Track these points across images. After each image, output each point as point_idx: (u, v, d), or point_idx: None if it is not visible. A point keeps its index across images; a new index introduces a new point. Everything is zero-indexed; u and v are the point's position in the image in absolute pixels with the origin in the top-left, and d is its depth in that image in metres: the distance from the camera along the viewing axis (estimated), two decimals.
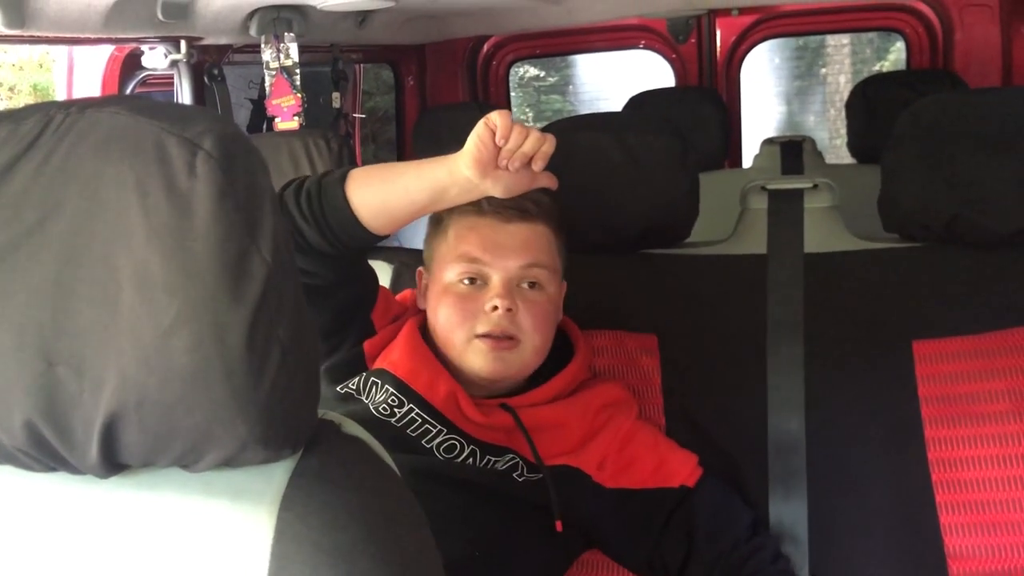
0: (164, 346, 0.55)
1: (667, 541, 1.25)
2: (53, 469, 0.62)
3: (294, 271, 0.61)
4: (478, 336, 1.19)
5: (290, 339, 0.59)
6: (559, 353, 1.30)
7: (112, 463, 0.60)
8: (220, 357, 0.56)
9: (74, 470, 0.61)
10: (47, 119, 0.59)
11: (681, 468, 1.28)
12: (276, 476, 0.61)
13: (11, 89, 7.18)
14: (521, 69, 3.48)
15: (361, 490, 0.62)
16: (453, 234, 1.22)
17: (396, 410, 1.20)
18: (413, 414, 1.20)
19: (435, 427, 1.20)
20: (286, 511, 0.60)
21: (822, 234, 1.46)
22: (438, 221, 1.25)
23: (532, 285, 1.22)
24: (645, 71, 3.39)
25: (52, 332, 0.57)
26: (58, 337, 0.57)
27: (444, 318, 1.21)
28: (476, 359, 1.19)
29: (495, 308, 1.18)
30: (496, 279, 1.20)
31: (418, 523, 0.65)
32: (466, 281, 1.21)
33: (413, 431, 1.20)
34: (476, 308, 1.19)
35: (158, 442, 0.58)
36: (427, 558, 0.65)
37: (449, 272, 1.22)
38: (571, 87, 6.14)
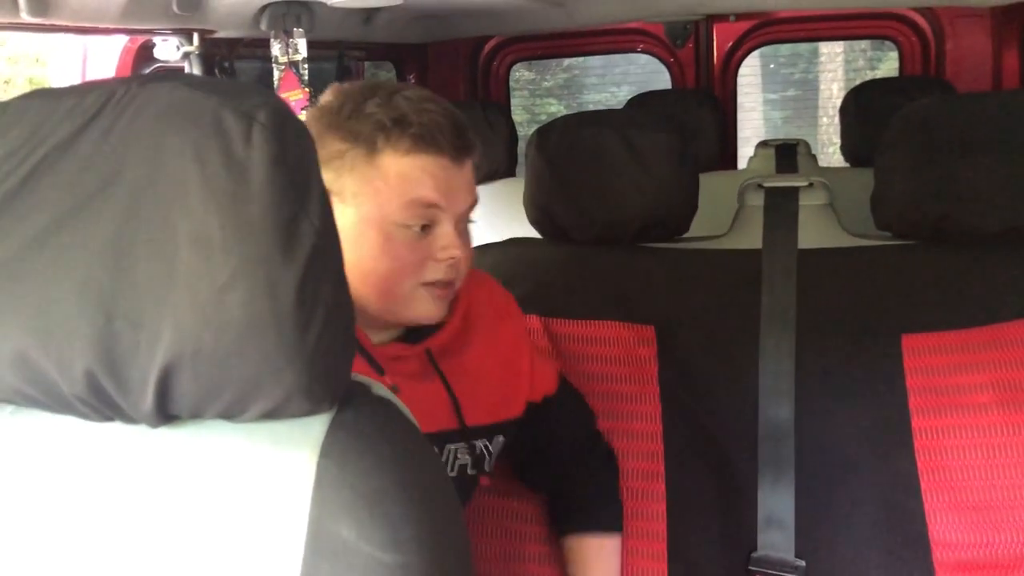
0: (220, 301, 0.60)
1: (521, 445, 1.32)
2: (108, 418, 0.67)
3: (337, 237, 0.66)
4: (426, 284, 1.11)
5: (333, 299, 0.64)
6: None
7: (164, 412, 0.65)
8: (272, 311, 0.61)
9: (128, 419, 0.66)
10: (109, 93, 0.64)
11: (549, 380, 1.34)
12: (315, 427, 0.66)
13: (7, 82, 7.20)
14: (516, 72, 3.53)
15: (392, 442, 0.67)
16: (398, 171, 1.07)
17: None
18: None
19: None
20: (325, 458, 0.65)
21: (816, 230, 1.51)
22: (371, 147, 1.08)
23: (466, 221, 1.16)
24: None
25: (112, 288, 0.61)
26: (118, 293, 0.61)
27: (390, 266, 1.09)
28: (421, 306, 1.12)
29: (451, 258, 1.11)
30: (447, 225, 1.11)
31: (441, 474, 0.71)
32: (417, 228, 1.09)
33: None
34: (425, 254, 1.10)
35: (210, 392, 0.63)
36: (449, 504, 0.70)
37: (396, 214, 1.08)
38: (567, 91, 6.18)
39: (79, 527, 0.68)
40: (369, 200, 1.08)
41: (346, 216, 1.09)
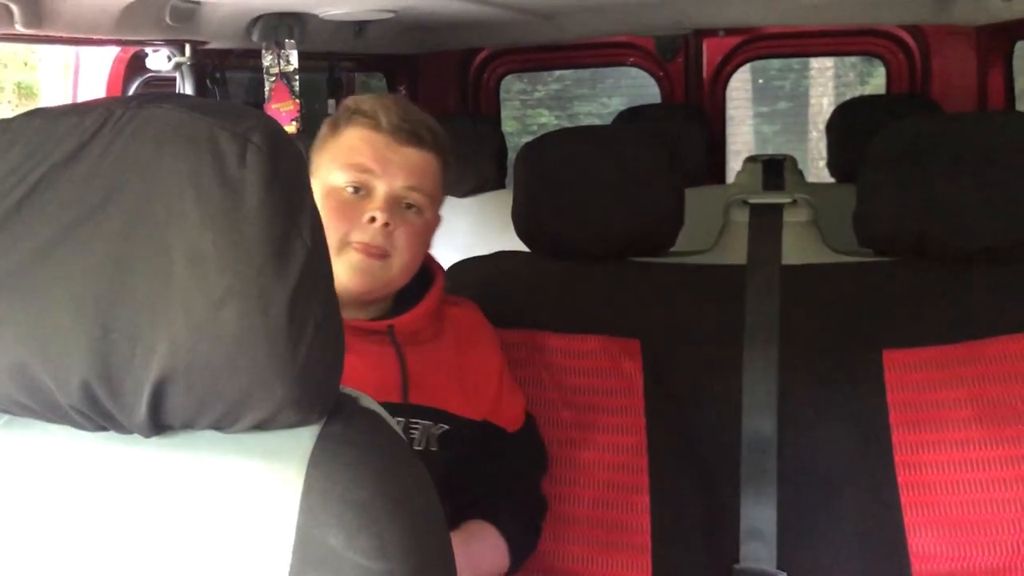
0: (214, 315, 0.62)
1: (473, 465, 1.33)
2: (103, 428, 0.69)
3: (327, 255, 0.68)
4: (352, 243, 1.22)
5: (322, 314, 0.66)
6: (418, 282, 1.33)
7: (157, 423, 0.67)
8: (264, 326, 0.63)
9: (122, 429, 0.68)
10: (108, 113, 0.65)
11: (514, 415, 1.38)
12: (304, 439, 0.68)
13: None
14: (507, 83, 3.55)
15: (378, 453, 0.69)
16: (347, 142, 1.26)
17: None
18: None
19: None
20: (314, 469, 0.67)
21: (800, 247, 1.53)
22: (334, 126, 1.29)
23: (411, 207, 1.26)
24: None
25: (109, 302, 0.63)
26: (114, 307, 0.63)
27: (323, 219, 1.21)
28: (344, 267, 1.21)
29: (373, 220, 1.21)
30: (380, 192, 1.24)
31: (425, 483, 0.72)
32: (351, 189, 1.24)
33: None
34: (356, 216, 1.22)
35: (202, 403, 0.65)
36: (434, 513, 0.72)
37: (336, 176, 1.25)
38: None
39: (72, 535, 0.69)
40: (325, 166, 1.27)
41: (315, 188, 1.21)
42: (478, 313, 1.40)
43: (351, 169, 1.24)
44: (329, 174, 1.26)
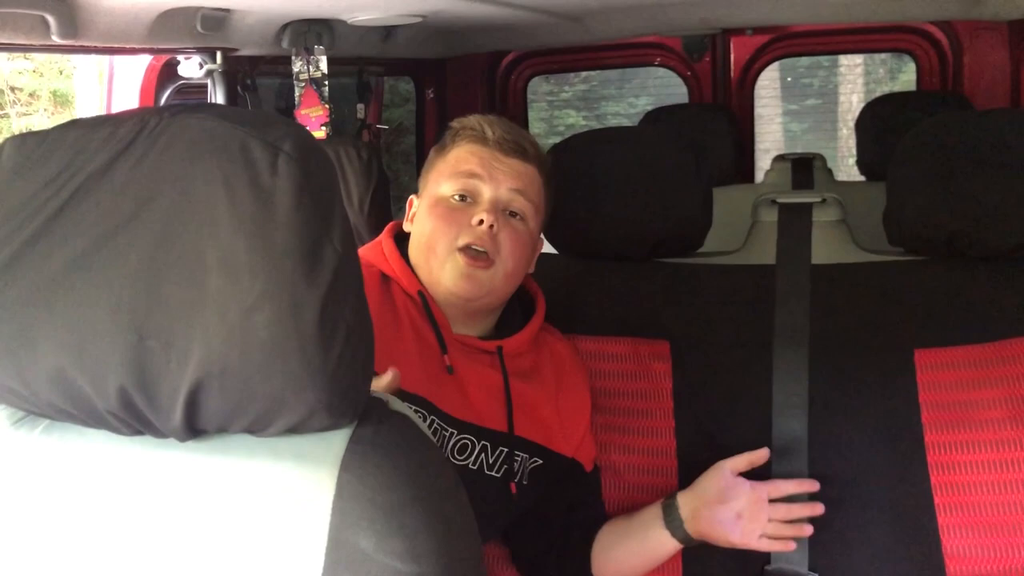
0: (247, 321, 0.63)
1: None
2: (139, 432, 0.70)
3: (357, 261, 0.69)
4: (459, 249, 1.26)
5: (354, 320, 0.67)
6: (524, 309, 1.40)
7: (192, 428, 0.68)
8: (296, 332, 0.64)
9: (158, 433, 0.69)
10: (142, 123, 0.67)
11: (588, 456, 1.42)
12: (335, 442, 0.69)
13: (31, 95, 7.27)
14: (534, 84, 3.55)
15: (409, 456, 0.70)
16: (454, 156, 1.33)
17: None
18: (435, 424, 1.25)
19: (448, 430, 1.26)
20: (346, 472, 0.68)
21: (829, 246, 1.52)
22: (442, 146, 1.36)
23: (515, 215, 1.31)
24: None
25: (144, 309, 0.65)
26: (149, 314, 0.64)
27: (431, 227, 1.29)
28: (451, 273, 1.26)
29: (481, 222, 1.26)
30: (486, 197, 1.29)
31: (456, 485, 0.73)
32: (457, 197, 1.29)
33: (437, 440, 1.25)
34: (463, 221, 1.27)
35: (236, 408, 0.66)
36: (464, 516, 0.73)
37: (444, 186, 1.31)
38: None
39: (108, 537, 0.71)
40: (433, 182, 1.34)
41: (420, 205, 1.34)
42: (570, 345, 1.44)
43: (459, 177, 1.30)
44: (437, 187, 1.32)
